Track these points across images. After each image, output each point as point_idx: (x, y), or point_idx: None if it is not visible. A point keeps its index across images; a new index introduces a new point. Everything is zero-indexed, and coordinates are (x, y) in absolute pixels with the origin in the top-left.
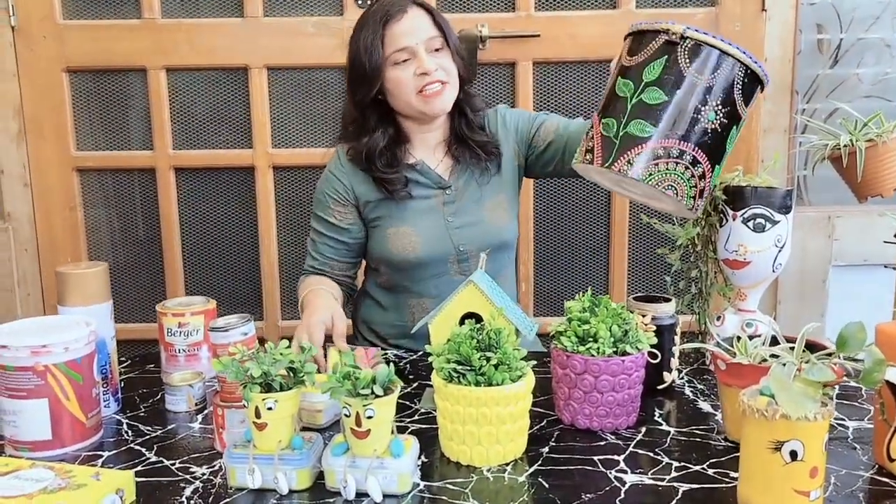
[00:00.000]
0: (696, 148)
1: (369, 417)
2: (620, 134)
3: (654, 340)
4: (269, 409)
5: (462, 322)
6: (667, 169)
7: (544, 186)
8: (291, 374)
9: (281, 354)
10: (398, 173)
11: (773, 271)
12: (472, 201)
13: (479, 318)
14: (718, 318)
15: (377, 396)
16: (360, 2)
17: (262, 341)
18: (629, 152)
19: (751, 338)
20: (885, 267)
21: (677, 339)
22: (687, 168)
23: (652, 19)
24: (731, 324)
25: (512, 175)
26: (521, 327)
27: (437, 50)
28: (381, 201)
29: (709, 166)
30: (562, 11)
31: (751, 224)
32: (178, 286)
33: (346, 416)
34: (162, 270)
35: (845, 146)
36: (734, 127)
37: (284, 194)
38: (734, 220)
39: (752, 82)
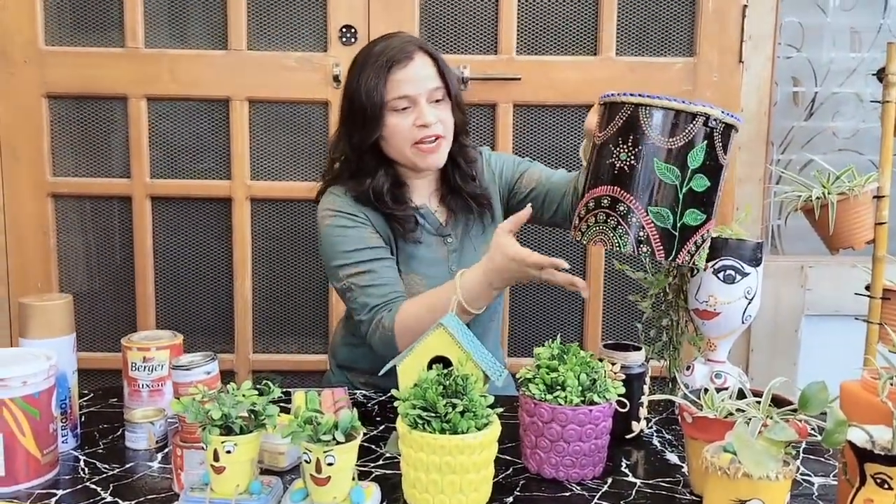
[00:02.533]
0: (714, 218)
1: (330, 464)
2: (678, 225)
3: (623, 390)
4: (228, 452)
5: (430, 366)
6: (705, 248)
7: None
8: (253, 417)
9: (243, 396)
10: (407, 212)
11: (743, 323)
12: (472, 250)
13: (447, 362)
14: (688, 367)
15: (338, 443)
16: (343, 39)
17: (231, 375)
18: (688, 243)
19: (718, 390)
20: (857, 319)
21: (647, 387)
22: (707, 238)
23: (650, 93)
24: (700, 374)
25: (501, 218)
26: (490, 373)
27: (437, 101)
28: (392, 242)
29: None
30: (543, 56)
31: (721, 275)
32: (149, 316)
33: (305, 462)
34: (133, 300)
35: (818, 199)
36: None
37: (261, 226)
38: (705, 270)
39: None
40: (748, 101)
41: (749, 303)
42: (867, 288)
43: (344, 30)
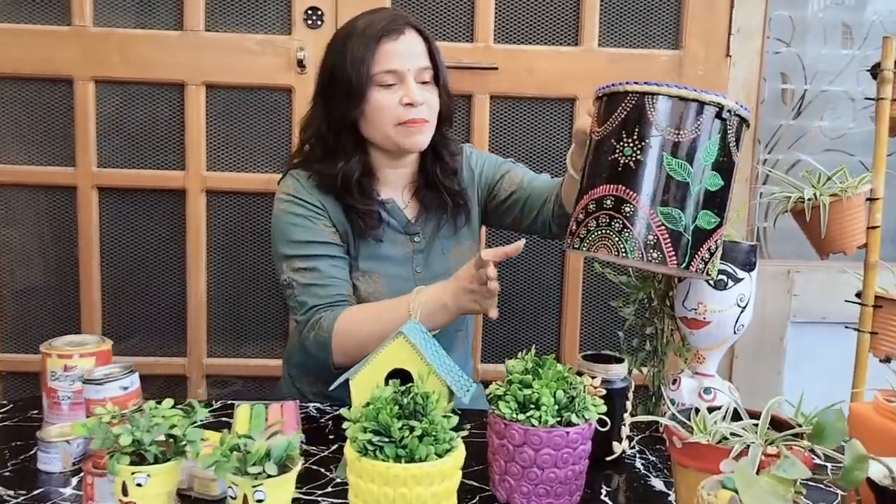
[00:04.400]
0: (727, 223)
1: (259, 501)
2: (691, 228)
3: (604, 408)
4: (139, 485)
5: (388, 380)
6: (718, 256)
7: (495, 231)
8: (172, 442)
9: (163, 417)
10: (371, 206)
11: (735, 333)
12: (440, 252)
13: (408, 376)
14: (674, 381)
15: (269, 476)
16: (309, 21)
17: (184, 381)
18: (701, 249)
19: (710, 410)
20: (847, 327)
21: (629, 404)
22: (720, 245)
23: (667, 82)
24: (688, 388)
25: (476, 222)
26: (456, 388)
27: (425, 83)
28: (351, 237)
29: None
30: (521, 45)
31: (712, 281)
32: (95, 316)
33: (231, 497)
34: (78, 299)
35: (809, 200)
36: None
37: (217, 221)
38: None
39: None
40: (735, 97)
41: (742, 311)
42: (858, 295)
43: (310, 11)
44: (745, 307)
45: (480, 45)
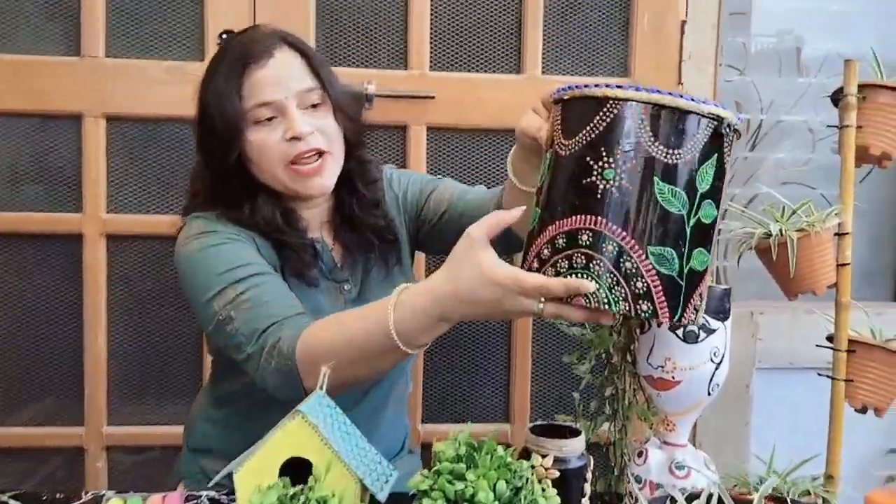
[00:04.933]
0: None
1: None
2: (685, 271)
3: (557, 499)
4: None
5: (283, 471)
6: (704, 301)
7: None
8: None
9: None
10: (306, 240)
11: (709, 394)
12: (373, 301)
13: (308, 466)
14: (640, 453)
15: None
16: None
17: (80, 454)
18: (693, 295)
19: (689, 499)
20: (819, 374)
21: (587, 486)
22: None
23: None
24: (656, 462)
25: (409, 258)
26: (370, 481)
27: (314, 106)
28: (283, 279)
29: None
30: (460, 73)
31: (680, 332)
32: None
33: None
34: None
35: (774, 236)
36: None
37: (119, 269)
38: (659, 326)
39: None
40: None
41: (717, 367)
42: (829, 339)
43: (224, 36)
44: (720, 363)
45: (415, 72)
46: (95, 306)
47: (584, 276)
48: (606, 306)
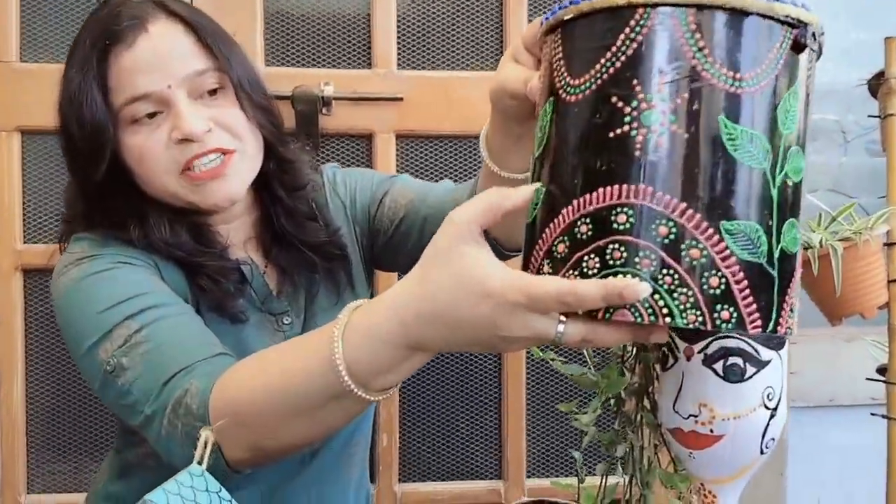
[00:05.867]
0: None
1: None
2: (776, 254)
3: None
4: None
5: None
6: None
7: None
8: None
9: None
10: (226, 261)
11: (763, 452)
12: None
13: None
14: None
15: None
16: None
17: None
18: (789, 292)
19: None
20: (873, 415)
21: None
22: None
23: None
24: None
25: (361, 275)
26: None
27: (211, 93)
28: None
29: None
30: (433, 71)
31: (720, 367)
32: None
33: None
34: None
35: (814, 248)
36: None
37: (38, 308)
38: (689, 359)
39: None
40: None
41: (772, 415)
42: (881, 371)
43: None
44: (775, 408)
45: (381, 70)
46: (10, 352)
47: (629, 276)
48: (668, 319)
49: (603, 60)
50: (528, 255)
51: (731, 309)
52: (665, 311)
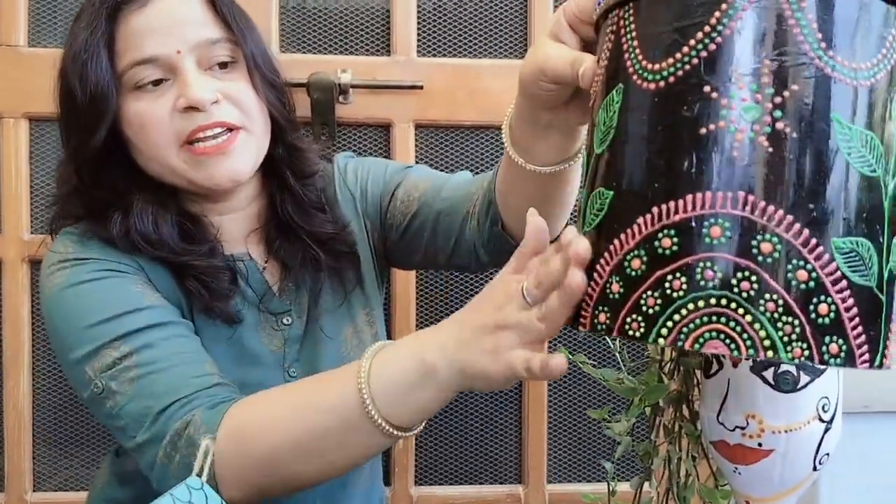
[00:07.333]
0: None
1: None
2: (885, 277)
3: None
4: None
5: None
6: None
7: (425, 292)
8: None
9: None
10: (216, 260)
11: (816, 468)
12: (325, 339)
13: None
14: None
15: None
16: None
17: None
18: (893, 322)
19: None
20: None
21: None
22: None
23: None
24: None
25: (371, 273)
26: None
27: (222, 66)
28: (187, 319)
29: None
30: (455, 59)
31: (770, 374)
32: None
33: None
34: None
35: None
36: None
37: None
38: (736, 366)
39: None
40: None
41: (828, 428)
42: None
43: None
44: (831, 420)
45: (400, 58)
46: (17, 346)
47: (723, 302)
48: (769, 353)
49: (693, 42)
50: (589, 268)
51: (841, 341)
52: (767, 343)
